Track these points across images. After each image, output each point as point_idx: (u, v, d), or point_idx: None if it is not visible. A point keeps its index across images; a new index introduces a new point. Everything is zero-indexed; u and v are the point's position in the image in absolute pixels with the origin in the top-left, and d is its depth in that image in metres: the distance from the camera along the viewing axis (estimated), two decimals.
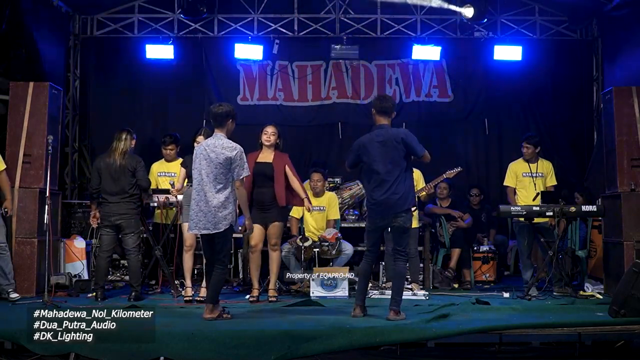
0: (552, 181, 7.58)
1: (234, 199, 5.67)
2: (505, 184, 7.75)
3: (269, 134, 6.84)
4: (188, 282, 6.74)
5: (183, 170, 6.89)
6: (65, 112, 9.08)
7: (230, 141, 5.68)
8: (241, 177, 5.64)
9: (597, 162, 8.56)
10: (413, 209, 7.49)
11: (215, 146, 5.64)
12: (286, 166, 6.81)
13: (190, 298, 6.67)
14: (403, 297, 5.86)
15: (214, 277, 5.63)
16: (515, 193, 7.61)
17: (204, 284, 6.66)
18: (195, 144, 6.67)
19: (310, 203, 7.12)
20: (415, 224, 7.63)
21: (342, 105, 9.81)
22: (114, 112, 9.78)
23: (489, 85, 9.80)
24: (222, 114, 5.71)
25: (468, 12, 9.05)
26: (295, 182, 6.88)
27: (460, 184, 9.48)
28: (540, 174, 7.52)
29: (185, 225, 6.73)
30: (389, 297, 5.83)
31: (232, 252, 6.70)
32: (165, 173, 7.92)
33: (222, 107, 5.77)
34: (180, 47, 9.60)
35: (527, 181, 7.53)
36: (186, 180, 6.89)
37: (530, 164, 7.55)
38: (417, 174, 7.73)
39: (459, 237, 8.29)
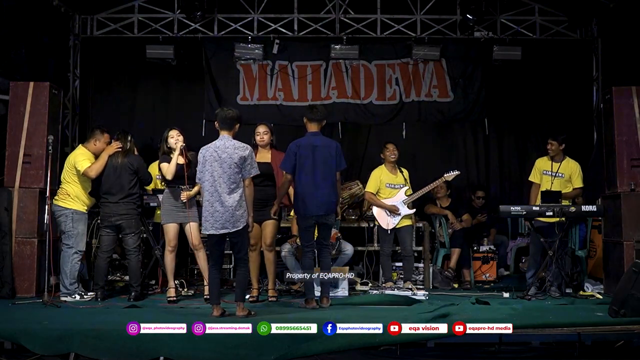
0: (576, 183, 7.37)
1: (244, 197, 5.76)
2: (529, 179, 7.64)
3: (261, 134, 6.84)
4: (171, 283, 6.72)
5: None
6: (65, 112, 9.07)
7: (239, 141, 5.83)
8: (251, 176, 5.78)
9: (596, 162, 8.55)
10: (412, 210, 7.61)
11: (227, 147, 5.72)
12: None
13: (174, 298, 6.65)
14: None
15: (239, 276, 5.84)
16: (539, 189, 7.45)
17: (206, 282, 6.67)
18: (170, 139, 6.69)
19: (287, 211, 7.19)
20: (410, 221, 7.69)
21: (342, 105, 9.79)
22: (114, 112, 9.78)
23: (489, 85, 9.79)
24: (232, 117, 5.86)
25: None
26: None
27: (460, 184, 9.50)
28: (560, 175, 7.37)
29: (169, 226, 6.71)
30: None
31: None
32: None
33: (231, 111, 5.94)
34: (180, 47, 9.60)
35: (546, 180, 7.42)
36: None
37: (553, 162, 7.40)
38: (406, 174, 7.81)
39: (459, 237, 8.29)
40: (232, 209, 5.63)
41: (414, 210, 7.71)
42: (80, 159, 6.85)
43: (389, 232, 7.64)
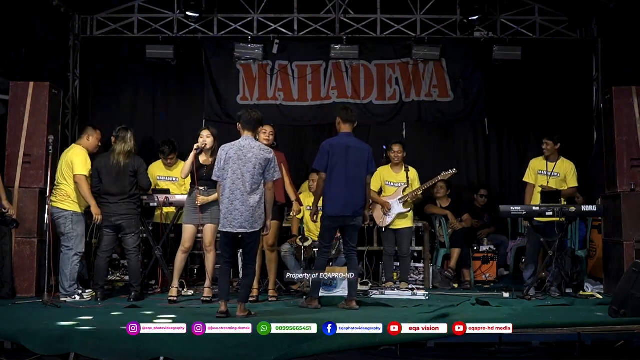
0: (571, 182, 7.40)
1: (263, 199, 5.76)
2: (524, 179, 7.66)
3: (268, 134, 6.81)
4: (175, 283, 6.69)
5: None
6: (65, 112, 9.07)
7: (262, 144, 5.90)
8: (274, 180, 5.80)
9: (596, 162, 8.55)
10: (408, 209, 7.62)
11: (252, 147, 5.73)
12: (282, 165, 6.80)
13: (175, 298, 6.61)
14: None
15: (245, 278, 5.84)
16: (533, 189, 7.48)
17: (207, 283, 6.67)
18: (199, 139, 6.66)
19: (302, 204, 7.21)
20: (409, 223, 7.68)
21: (342, 105, 9.77)
22: (114, 112, 9.78)
23: (489, 85, 9.79)
24: (256, 119, 5.89)
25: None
26: (287, 183, 6.91)
27: (461, 184, 9.50)
28: (556, 174, 7.39)
29: (187, 227, 6.70)
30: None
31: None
32: (165, 177, 7.93)
33: (255, 113, 5.95)
34: (180, 47, 9.60)
35: (541, 179, 7.44)
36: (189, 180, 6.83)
37: (548, 162, 7.44)
38: (412, 173, 7.79)
39: (459, 237, 8.29)
40: (252, 209, 5.63)
41: (409, 209, 7.69)
42: (78, 160, 6.79)
43: (383, 229, 7.68)
